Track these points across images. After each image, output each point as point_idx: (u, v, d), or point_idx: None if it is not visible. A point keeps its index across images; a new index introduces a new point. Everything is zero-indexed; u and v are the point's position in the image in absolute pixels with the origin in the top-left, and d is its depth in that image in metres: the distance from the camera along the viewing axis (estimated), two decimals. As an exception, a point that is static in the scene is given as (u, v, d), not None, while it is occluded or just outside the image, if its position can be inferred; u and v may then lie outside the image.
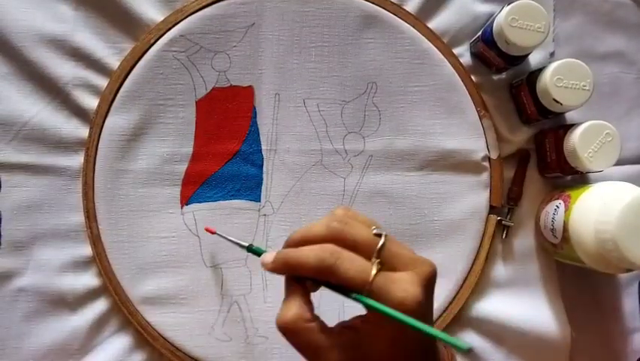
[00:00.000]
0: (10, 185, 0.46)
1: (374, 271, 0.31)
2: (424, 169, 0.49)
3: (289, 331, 0.33)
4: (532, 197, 0.50)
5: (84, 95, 0.47)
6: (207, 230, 0.46)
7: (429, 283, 0.33)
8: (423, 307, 0.32)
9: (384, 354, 0.32)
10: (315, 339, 0.32)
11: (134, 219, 0.47)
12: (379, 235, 0.33)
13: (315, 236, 0.33)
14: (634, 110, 0.52)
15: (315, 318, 0.33)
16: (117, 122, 0.46)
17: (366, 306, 0.32)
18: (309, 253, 0.32)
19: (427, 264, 0.33)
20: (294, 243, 0.34)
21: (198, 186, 0.47)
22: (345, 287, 0.32)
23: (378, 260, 0.32)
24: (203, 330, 0.47)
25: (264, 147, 0.48)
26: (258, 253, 0.38)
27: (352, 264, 0.31)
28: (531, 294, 0.49)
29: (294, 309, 0.33)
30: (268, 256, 0.35)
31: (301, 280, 0.34)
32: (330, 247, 0.32)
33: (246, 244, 0.40)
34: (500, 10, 0.45)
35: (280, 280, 0.47)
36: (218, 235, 0.45)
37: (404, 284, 0.31)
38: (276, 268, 0.34)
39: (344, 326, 0.34)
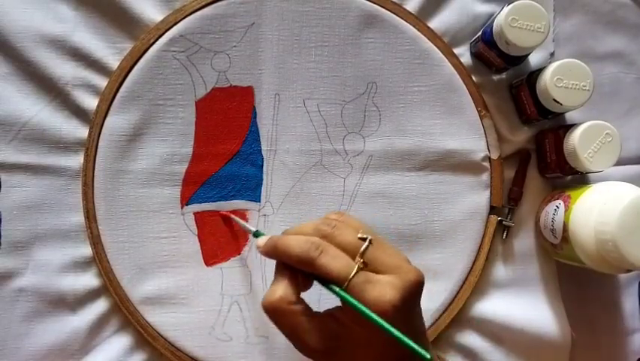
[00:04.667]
0: (10, 185, 0.46)
1: (354, 270, 0.32)
2: (424, 169, 0.49)
3: (273, 311, 0.34)
4: (533, 197, 0.50)
5: (84, 95, 0.47)
6: (222, 215, 0.47)
7: (411, 290, 0.33)
8: (398, 312, 0.32)
9: (359, 350, 0.33)
10: (298, 322, 0.33)
11: (134, 219, 0.47)
12: (364, 239, 0.33)
13: (304, 235, 0.34)
14: (634, 110, 0.52)
15: (300, 301, 0.34)
16: (117, 122, 0.46)
17: (341, 299, 0.33)
18: (296, 242, 0.34)
19: (412, 272, 0.33)
20: (279, 243, 0.35)
21: (198, 186, 0.47)
22: (325, 280, 0.33)
23: (362, 260, 0.33)
24: (203, 330, 0.47)
25: (263, 148, 0.48)
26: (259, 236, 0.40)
27: (334, 259, 0.33)
28: (531, 294, 0.49)
29: (280, 291, 0.34)
30: (262, 240, 0.37)
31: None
32: (316, 239, 0.33)
33: (254, 230, 0.42)
34: (500, 11, 0.45)
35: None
36: (231, 218, 0.47)
37: (382, 286, 0.32)
38: (266, 251, 0.36)
39: (327, 314, 0.35)
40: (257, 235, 0.41)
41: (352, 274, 0.32)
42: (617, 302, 0.50)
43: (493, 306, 0.48)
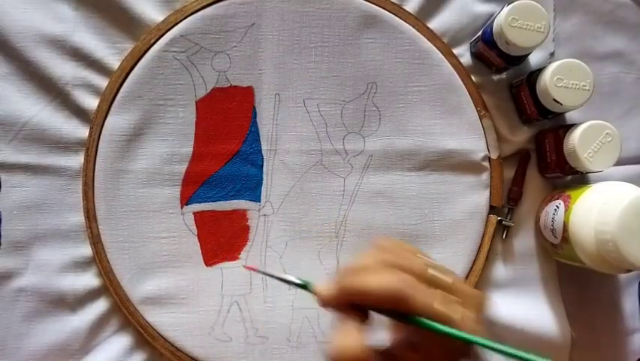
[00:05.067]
0: (10, 185, 0.46)
1: (459, 311, 0.31)
2: (424, 169, 0.49)
3: None
4: (532, 197, 0.50)
5: (84, 95, 0.47)
6: (249, 268, 0.47)
7: (482, 315, 0.32)
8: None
9: None
10: None
11: (134, 219, 0.47)
12: (433, 266, 0.32)
13: (369, 267, 0.32)
14: (634, 110, 0.52)
15: (369, 351, 0.31)
16: (117, 122, 0.46)
17: (450, 336, 0.30)
18: (381, 281, 0.30)
19: (479, 296, 0.33)
20: (347, 273, 0.32)
21: (198, 186, 0.47)
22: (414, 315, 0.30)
23: (455, 298, 0.31)
24: (203, 330, 0.47)
25: (264, 147, 0.48)
26: (306, 287, 0.34)
27: (430, 296, 0.30)
28: (531, 294, 0.49)
29: (354, 341, 0.30)
30: (321, 288, 0.32)
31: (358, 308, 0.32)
32: (406, 277, 0.31)
33: (298, 281, 0.34)
34: (500, 10, 0.45)
35: (280, 281, 0.47)
36: (262, 272, 0.46)
37: (472, 323, 0.31)
38: (335, 298, 0.32)
39: (390, 354, 0.32)
40: (305, 286, 0.34)
41: (459, 316, 0.30)
42: (617, 302, 0.50)
43: (493, 306, 0.48)
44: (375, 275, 0.31)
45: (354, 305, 0.31)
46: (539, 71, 0.46)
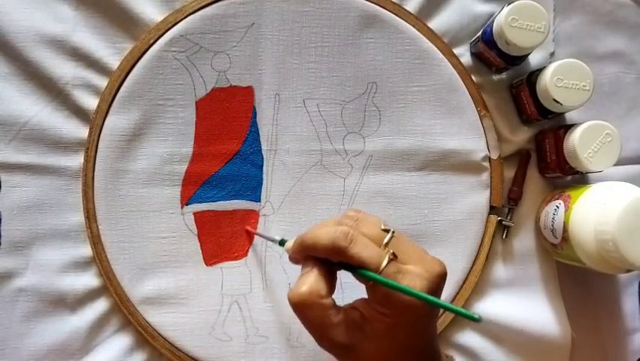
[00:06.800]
0: (10, 185, 0.46)
1: (386, 260, 0.32)
2: (424, 169, 0.49)
3: (301, 304, 0.33)
4: (533, 197, 0.50)
5: (84, 95, 0.47)
6: (248, 230, 0.47)
7: (436, 282, 0.33)
8: (426, 305, 0.32)
9: (382, 342, 0.33)
10: (325, 316, 0.33)
11: (134, 219, 0.47)
12: (387, 231, 0.34)
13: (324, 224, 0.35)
14: (634, 110, 0.52)
15: (328, 295, 0.34)
16: (117, 122, 0.46)
17: (369, 287, 0.33)
18: (325, 233, 0.33)
19: (437, 263, 0.34)
20: (307, 236, 0.35)
21: (198, 186, 0.47)
22: (358, 267, 0.33)
23: (392, 251, 0.33)
24: (203, 330, 0.47)
25: (264, 147, 0.48)
26: (282, 243, 0.40)
27: (366, 248, 0.33)
28: (531, 294, 0.49)
29: (309, 283, 0.33)
30: (289, 242, 0.38)
31: (323, 260, 0.35)
32: (345, 229, 0.33)
33: (278, 238, 0.41)
34: (500, 10, 0.45)
35: (280, 281, 0.48)
36: (255, 233, 0.47)
37: (411, 276, 0.33)
38: (294, 250, 0.36)
39: (351, 307, 0.35)
40: (282, 242, 0.40)
41: (384, 264, 0.32)
42: (617, 302, 0.50)
43: (493, 306, 0.48)
44: (322, 229, 0.34)
45: (316, 259, 0.35)
46: (539, 71, 0.46)
